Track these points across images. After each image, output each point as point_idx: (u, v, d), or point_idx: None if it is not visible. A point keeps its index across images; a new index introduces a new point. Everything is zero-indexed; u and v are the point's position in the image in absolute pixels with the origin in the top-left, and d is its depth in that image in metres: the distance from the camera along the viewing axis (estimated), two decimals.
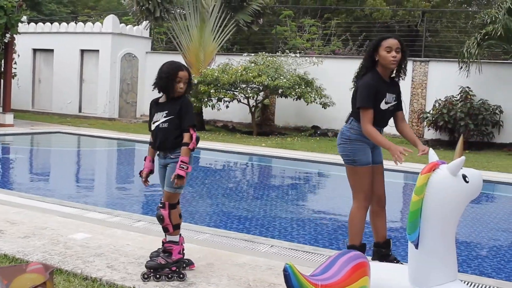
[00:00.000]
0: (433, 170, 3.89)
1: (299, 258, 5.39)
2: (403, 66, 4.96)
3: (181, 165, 4.63)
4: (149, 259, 4.84)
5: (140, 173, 5.01)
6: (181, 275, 4.65)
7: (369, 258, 4.68)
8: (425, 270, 3.92)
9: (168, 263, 4.66)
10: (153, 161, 5.00)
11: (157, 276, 4.60)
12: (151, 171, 4.98)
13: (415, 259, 3.96)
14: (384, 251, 5.09)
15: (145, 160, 5.00)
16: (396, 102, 4.97)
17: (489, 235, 7.73)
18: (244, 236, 6.17)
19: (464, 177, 3.90)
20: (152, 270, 4.61)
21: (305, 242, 6.61)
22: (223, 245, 5.65)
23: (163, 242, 4.96)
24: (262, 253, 5.45)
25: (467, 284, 4.83)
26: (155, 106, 4.92)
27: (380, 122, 4.88)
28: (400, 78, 5.05)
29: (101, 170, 13.10)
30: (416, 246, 3.87)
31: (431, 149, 4.27)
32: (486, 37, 16.37)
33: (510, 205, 10.87)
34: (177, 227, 4.79)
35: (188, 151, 4.69)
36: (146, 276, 4.58)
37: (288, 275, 3.08)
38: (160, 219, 4.73)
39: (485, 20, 16.75)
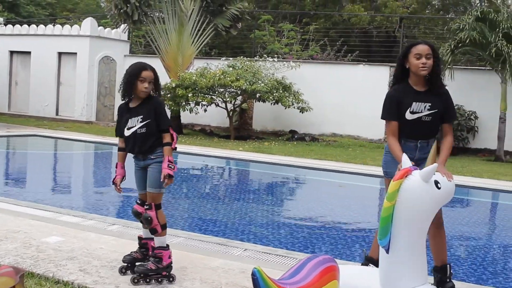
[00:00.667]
0: (406, 177, 3.93)
1: (273, 261, 5.41)
2: (435, 74, 4.60)
3: (169, 165, 4.67)
4: (122, 263, 4.84)
5: (113, 181, 4.97)
6: (171, 279, 4.67)
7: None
8: (396, 274, 3.96)
9: (159, 269, 4.66)
10: (124, 167, 4.98)
11: (147, 280, 4.61)
12: (123, 178, 4.97)
13: (386, 264, 4.01)
14: (440, 277, 4.63)
15: (116, 167, 4.97)
16: (434, 111, 4.53)
17: (462, 239, 7.82)
18: (218, 240, 6.19)
19: (436, 183, 3.95)
20: (142, 275, 4.62)
21: (280, 246, 6.63)
22: (197, 249, 5.67)
23: (139, 237, 4.96)
24: (235, 257, 5.47)
25: None
26: (127, 111, 4.87)
27: (410, 133, 4.58)
28: (438, 87, 4.64)
29: (77, 173, 13.03)
30: (387, 251, 3.91)
31: (404, 154, 4.30)
32: (460, 44, 16.56)
33: (483, 210, 11.00)
34: (164, 227, 4.78)
35: (171, 150, 4.74)
36: (136, 280, 4.58)
37: (256, 279, 3.10)
38: (148, 221, 4.70)
39: (458, 26, 16.95)
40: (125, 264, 4.82)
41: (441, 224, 4.63)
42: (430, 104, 4.55)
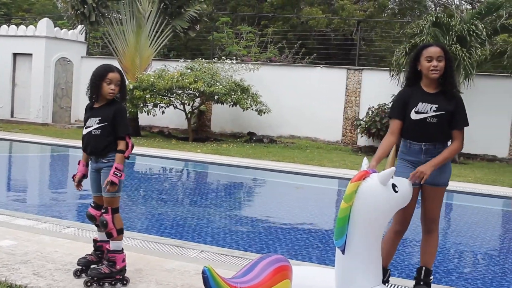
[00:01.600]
0: (364, 179, 3.97)
1: (229, 263, 5.43)
2: (448, 76, 4.51)
3: (115, 172, 4.63)
4: (76, 266, 4.81)
5: (73, 177, 4.95)
6: (125, 281, 4.67)
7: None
8: (351, 275, 3.99)
9: (113, 273, 4.64)
10: (87, 166, 4.95)
11: (101, 283, 4.59)
12: (84, 176, 4.94)
13: (342, 264, 4.03)
14: (416, 277, 4.72)
15: (78, 164, 4.96)
16: (440, 113, 4.44)
17: (415, 239, 7.94)
18: (175, 242, 6.17)
19: (394, 186, 4.00)
20: (95, 279, 4.59)
21: (237, 247, 6.66)
22: (153, 251, 5.65)
23: (94, 240, 4.94)
24: (191, 259, 5.48)
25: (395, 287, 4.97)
26: (90, 110, 4.88)
27: (414, 134, 4.55)
28: (450, 89, 4.54)
29: (32, 176, 12.83)
30: (343, 252, 3.95)
31: (365, 158, 4.34)
32: (415, 47, 16.82)
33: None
34: (121, 231, 4.77)
35: (123, 158, 4.70)
36: (89, 284, 4.55)
37: (206, 278, 3.11)
38: (104, 224, 4.69)
39: (414, 31, 17.23)
40: (80, 267, 4.79)
41: (431, 230, 4.64)
42: (437, 105, 4.47)
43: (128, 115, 18.49)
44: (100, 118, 4.74)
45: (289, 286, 3.55)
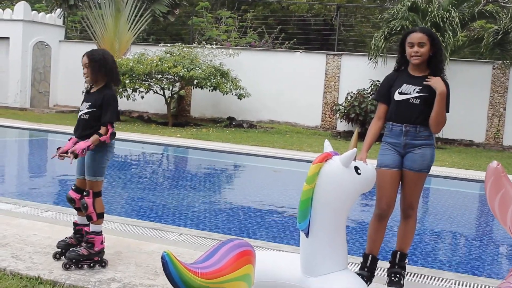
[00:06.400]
0: (326, 161, 3.99)
1: (208, 245, 5.46)
2: (434, 60, 4.53)
3: (84, 150, 4.63)
4: (56, 248, 4.82)
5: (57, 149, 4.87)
6: (103, 263, 4.70)
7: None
8: (315, 259, 3.96)
9: (91, 254, 4.67)
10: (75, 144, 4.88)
11: (79, 265, 4.61)
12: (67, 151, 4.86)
13: (306, 248, 4.00)
14: (391, 260, 4.73)
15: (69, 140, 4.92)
16: (423, 94, 4.45)
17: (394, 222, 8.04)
18: (154, 225, 6.20)
19: (356, 169, 4.01)
20: (74, 261, 4.61)
21: (217, 230, 6.71)
22: (132, 234, 5.68)
23: (74, 223, 4.96)
24: (171, 241, 5.52)
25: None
26: (85, 95, 4.99)
27: (397, 115, 4.56)
28: (438, 74, 4.52)
29: (10, 160, 12.75)
30: (307, 235, 3.93)
31: (326, 140, 4.36)
32: (393, 31, 16.91)
33: None
34: (101, 215, 4.80)
35: (97, 140, 4.69)
36: (67, 266, 4.57)
37: (166, 263, 3.02)
38: (84, 207, 4.72)
39: (392, 16, 17.32)
40: (59, 250, 4.81)
41: (408, 216, 4.63)
42: (420, 87, 4.49)
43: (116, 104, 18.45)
44: (90, 103, 4.81)
45: (252, 271, 3.46)
